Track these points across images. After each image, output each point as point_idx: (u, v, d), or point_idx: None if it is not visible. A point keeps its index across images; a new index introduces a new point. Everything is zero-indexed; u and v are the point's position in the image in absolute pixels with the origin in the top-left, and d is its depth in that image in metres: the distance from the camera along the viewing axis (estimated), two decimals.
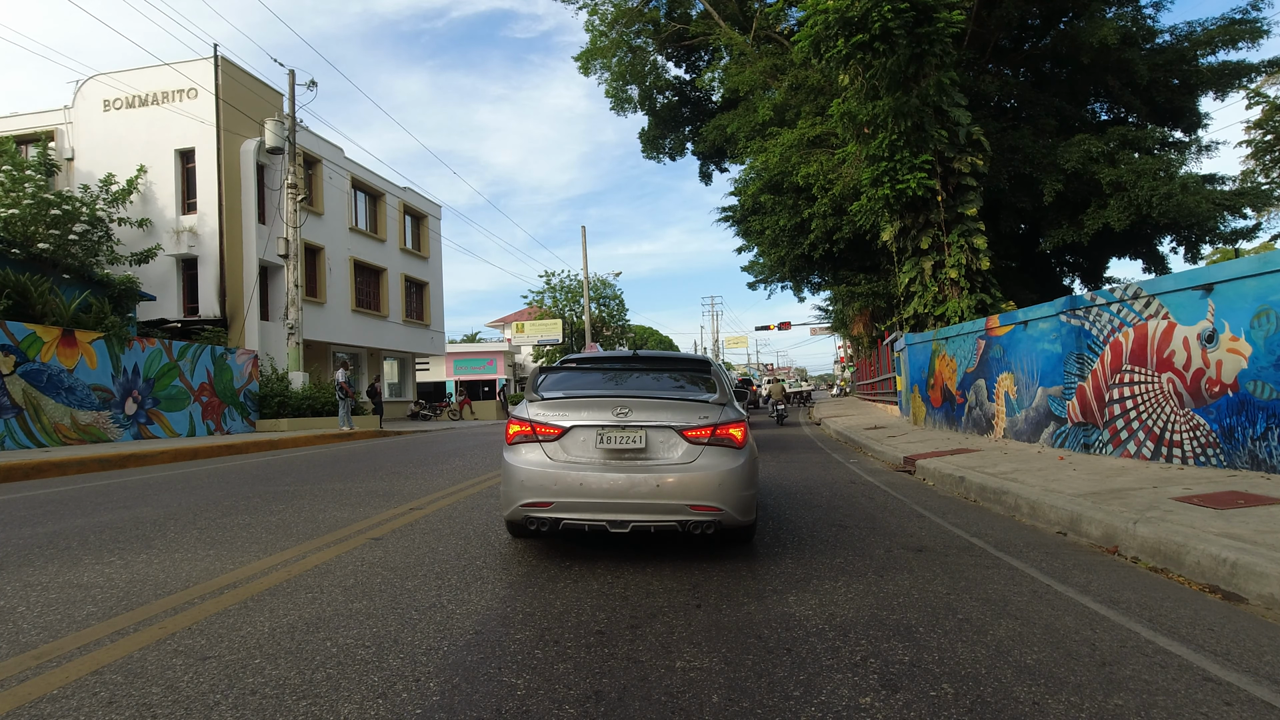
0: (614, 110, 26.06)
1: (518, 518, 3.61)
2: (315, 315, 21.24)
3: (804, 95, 19.91)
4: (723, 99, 25.88)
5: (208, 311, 17.77)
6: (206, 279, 17.88)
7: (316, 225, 21.47)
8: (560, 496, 3.47)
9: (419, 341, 28.63)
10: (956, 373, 10.66)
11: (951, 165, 14.82)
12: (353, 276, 23.47)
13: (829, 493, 6.34)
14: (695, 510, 3.44)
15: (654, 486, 3.43)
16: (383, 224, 25.78)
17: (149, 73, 18.05)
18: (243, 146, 18.37)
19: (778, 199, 19.21)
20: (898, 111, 13.99)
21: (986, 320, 9.50)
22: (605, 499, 3.44)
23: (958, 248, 14.70)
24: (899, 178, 14.37)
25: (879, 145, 14.41)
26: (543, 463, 3.59)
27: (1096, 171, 14.88)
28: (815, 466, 8.49)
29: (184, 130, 17.87)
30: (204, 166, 17.90)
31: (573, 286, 49.01)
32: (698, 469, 3.49)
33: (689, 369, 4.34)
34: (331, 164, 22.19)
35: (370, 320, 24.69)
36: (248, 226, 18.32)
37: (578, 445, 3.61)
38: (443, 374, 50.03)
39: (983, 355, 9.69)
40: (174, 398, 13.23)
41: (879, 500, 5.92)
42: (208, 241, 17.82)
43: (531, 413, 3.77)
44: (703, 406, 3.71)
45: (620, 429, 3.57)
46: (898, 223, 15.41)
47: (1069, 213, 15.80)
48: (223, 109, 17.66)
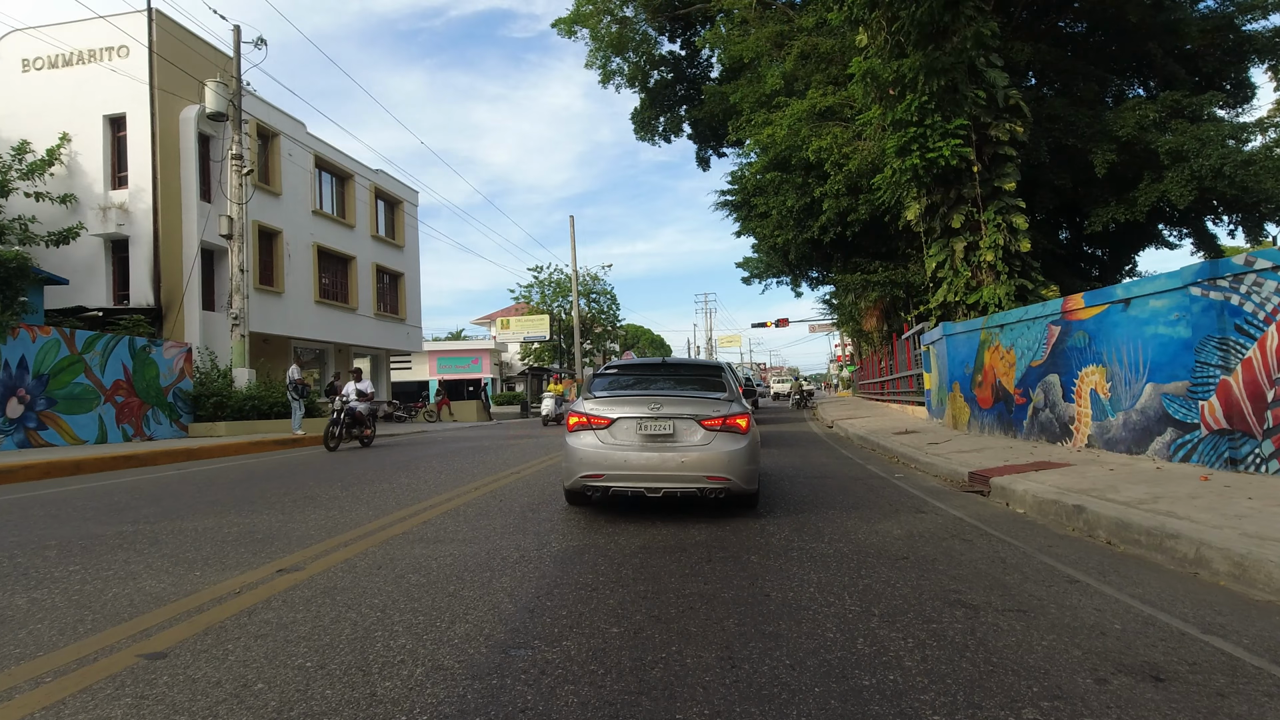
0: (601, 84, 24.11)
1: (577, 487, 4.76)
2: (271, 306, 19.13)
3: (814, 65, 18.07)
4: (722, 75, 24.02)
5: (140, 299, 15.62)
6: (139, 262, 15.73)
7: (273, 206, 19.35)
8: (610, 470, 4.59)
9: (393, 337, 26.52)
10: (1015, 367, 8.83)
11: (987, 133, 13.01)
12: (316, 264, 21.35)
13: (902, 533, 4.46)
14: (710, 480, 4.53)
15: (679, 462, 4.53)
16: (351, 208, 23.66)
17: (76, 28, 15.87)
18: (182, 114, 16.23)
19: (785, 177, 17.35)
20: (930, 68, 12.15)
21: (1064, 301, 7.67)
22: (643, 471, 4.56)
23: (994, 227, 12.91)
24: (929, 145, 12.55)
25: (907, 108, 12.57)
26: (596, 445, 4.68)
27: (1152, 140, 13.13)
28: (857, 485, 6.62)
29: (114, 93, 15.72)
30: (137, 135, 15.75)
31: (561, 281, 46.99)
32: (712, 449, 4.58)
33: (706, 373, 5.60)
34: (291, 139, 20.07)
35: (337, 313, 22.57)
36: (188, 204, 16.19)
37: (622, 432, 4.68)
38: (426, 373, 47.79)
39: (1056, 345, 7.86)
40: (77, 398, 11.12)
41: (986, 548, 4.05)
42: (140, 220, 15.68)
43: (587, 408, 4.82)
44: (716, 402, 4.83)
45: (654, 419, 4.65)
46: (924, 200, 13.59)
47: (1117, 189, 14.05)
48: (158, 68, 15.51)
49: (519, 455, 10.00)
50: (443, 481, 7.07)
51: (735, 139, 19.47)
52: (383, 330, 25.59)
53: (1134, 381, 6.56)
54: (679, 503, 5.53)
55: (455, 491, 6.33)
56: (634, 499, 5.25)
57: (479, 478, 7.40)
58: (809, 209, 17.43)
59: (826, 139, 15.84)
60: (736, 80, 20.64)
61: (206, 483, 7.29)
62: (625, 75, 24.44)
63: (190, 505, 5.71)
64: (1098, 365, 7.11)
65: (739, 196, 22.62)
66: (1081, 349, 7.38)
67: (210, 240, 16.41)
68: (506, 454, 10.23)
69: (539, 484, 6.86)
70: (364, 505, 5.60)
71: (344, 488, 6.60)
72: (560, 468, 5.13)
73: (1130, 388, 6.62)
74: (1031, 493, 5.43)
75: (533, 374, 38.83)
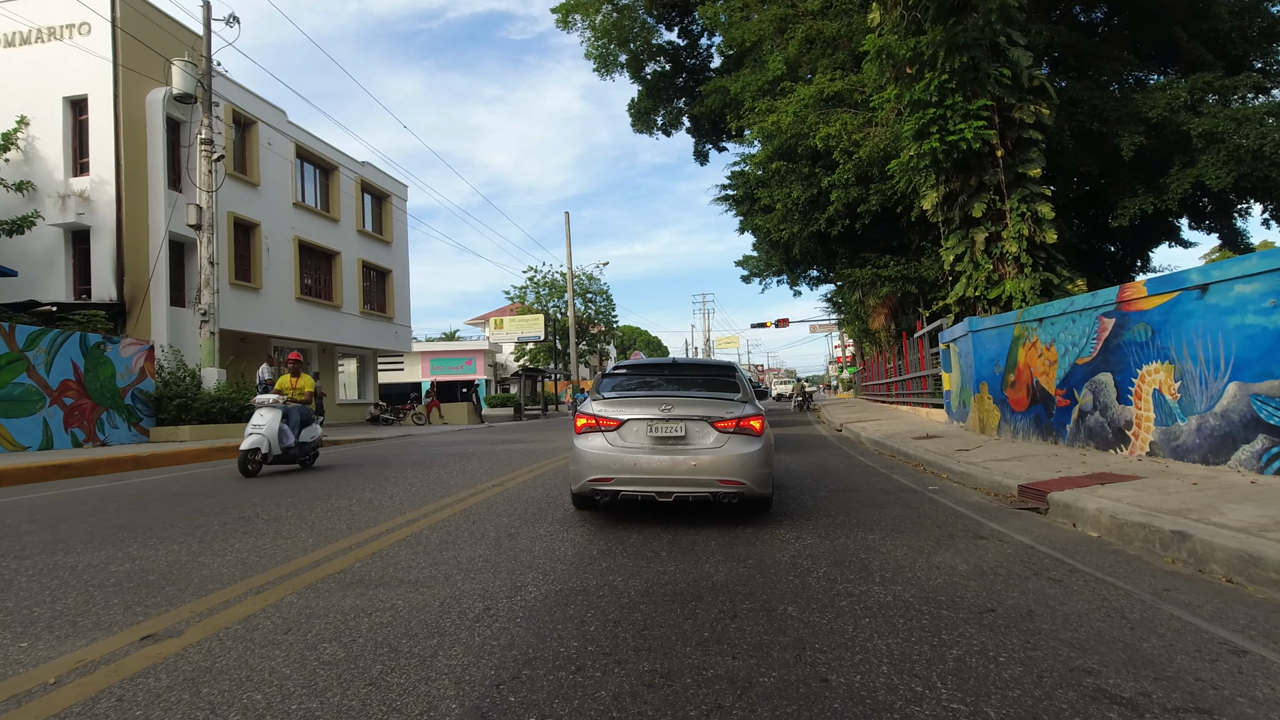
0: (598, 72, 23.19)
1: (585, 491, 4.53)
2: (249, 302, 18.12)
3: (819, 50, 17.20)
4: (722, 65, 23.16)
5: (103, 294, 14.60)
6: (101, 255, 14.71)
7: (251, 197, 18.35)
8: (619, 473, 4.38)
9: (381, 337, 25.51)
10: (1057, 365, 7.93)
11: (1011, 115, 12.13)
12: (297, 259, 20.33)
13: (969, 568, 3.55)
14: (724, 484, 4.34)
15: (692, 465, 4.34)
16: (336, 202, 22.66)
17: (33, 2, 14.84)
18: (149, 96, 15.22)
19: (791, 166, 16.45)
20: (951, 44, 11.28)
21: (1120, 289, 6.78)
22: (654, 475, 4.36)
23: (1018, 216, 12.03)
24: (950, 127, 11.66)
25: (925, 88, 11.69)
26: (605, 448, 4.48)
27: (1183, 122, 12.28)
28: (890, 500, 5.70)
29: (76, 74, 14.70)
30: (100, 119, 14.73)
31: (556, 282, 46.00)
32: (725, 452, 4.38)
33: (717, 373, 5.36)
34: (271, 127, 19.07)
35: (320, 310, 21.56)
36: (155, 192, 15.17)
37: (632, 434, 4.49)
38: (418, 374, 46.67)
39: (1109, 340, 6.96)
40: (17, 399, 10.10)
41: (1087, 593, 3.12)
42: (103, 210, 14.65)
43: (595, 409, 4.64)
44: (729, 403, 4.64)
45: (666, 421, 4.46)
46: (942, 188, 12.71)
47: (1145, 175, 13.19)
48: (123, 45, 14.50)
49: (504, 463, 9.05)
50: (411, 496, 6.12)
51: (737, 126, 18.57)
52: (369, 329, 24.58)
53: (1212, 381, 5.66)
54: (689, 521, 4.76)
55: (422, 510, 5.38)
56: (642, 504, 5.03)
57: (455, 491, 6.45)
58: (815, 201, 16.54)
59: (835, 125, 14.96)
60: (738, 70, 19.77)
61: (135, 498, 6.31)
62: (623, 64, 23.53)
63: (93, 530, 4.74)
64: (1163, 362, 6.21)
65: (740, 190, 21.72)
66: (1142, 344, 6.48)
67: (179, 232, 15.40)
68: (491, 462, 9.28)
69: (523, 498, 5.92)
70: (306, 529, 4.64)
71: (291, 506, 5.64)
72: (568, 471, 4.98)
73: (1207, 388, 5.72)
74: (1108, 512, 4.51)
75: (527, 375, 37.83)
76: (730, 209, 23.57)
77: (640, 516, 5.02)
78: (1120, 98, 13.16)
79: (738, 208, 22.57)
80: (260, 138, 18.69)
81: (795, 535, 4.41)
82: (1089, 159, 13.57)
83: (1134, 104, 12.69)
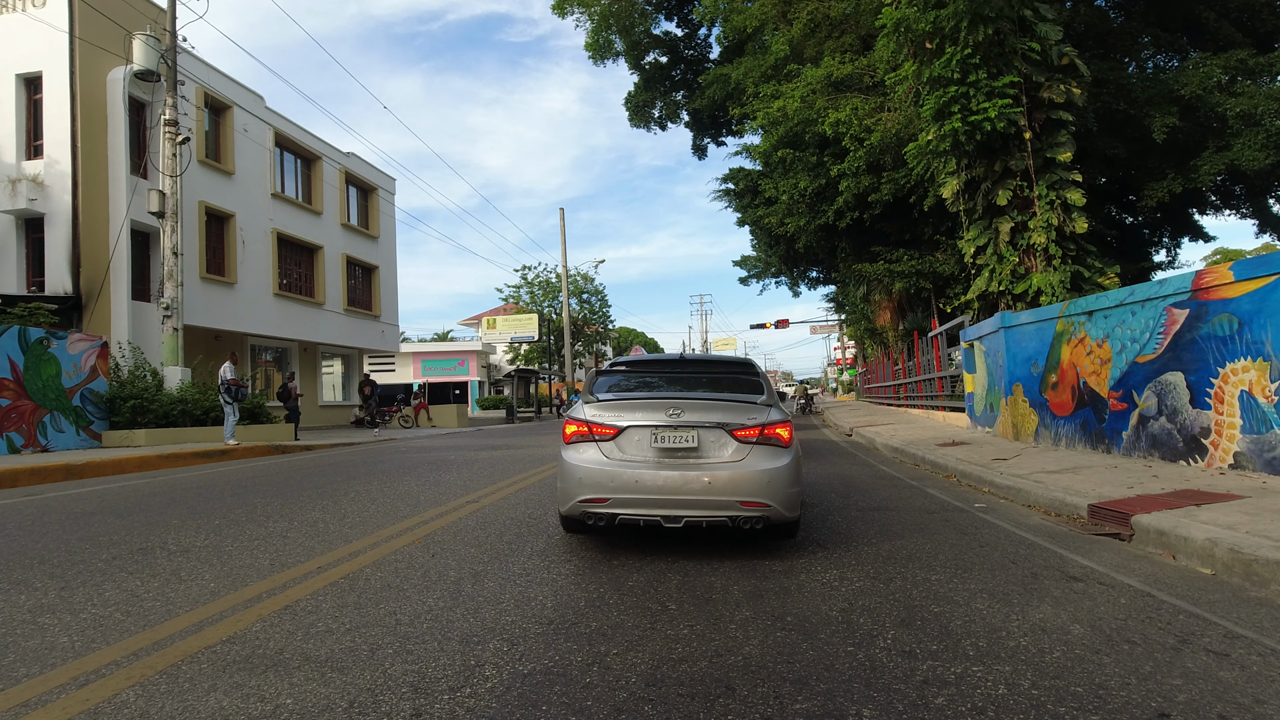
0: (593, 60, 22.23)
1: (575, 513, 3.70)
2: (222, 297, 17.06)
3: (824, 33, 16.32)
4: (722, 55, 22.27)
5: (57, 286, 13.52)
6: (56, 244, 13.63)
7: (225, 186, 17.29)
8: (617, 493, 3.57)
9: (366, 336, 24.44)
10: (1111, 364, 7.01)
11: (1038, 94, 11.22)
12: (276, 253, 19.27)
13: (1084, 631, 2.61)
14: (745, 506, 3.53)
15: (706, 483, 3.53)
16: (319, 194, 21.60)
17: None
18: (110, 75, 14.17)
19: (797, 155, 15.53)
20: (975, 14, 10.38)
21: (1197, 275, 5.86)
22: (660, 495, 3.54)
23: (1046, 204, 11.12)
24: (973, 107, 10.75)
25: (946, 64, 10.77)
26: (599, 461, 3.68)
27: (1218, 103, 11.42)
28: (935, 522, 4.75)
29: (30, 50, 13.64)
30: (55, 98, 13.67)
31: (551, 282, 44.96)
32: (747, 467, 3.58)
33: (736, 371, 4.45)
34: (247, 112, 18.02)
35: (300, 307, 20.49)
36: (115, 178, 14.11)
37: (633, 444, 3.70)
38: (409, 375, 45.51)
39: (1180, 334, 6.04)
40: None
41: (1264, 673, 2.17)
42: (58, 196, 13.58)
43: (588, 414, 3.82)
44: (750, 408, 3.79)
45: (674, 429, 3.66)
46: (964, 174, 11.79)
47: (1176, 159, 12.33)
48: (80, 17, 13.43)
49: (486, 474, 8.06)
50: (366, 518, 5.13)
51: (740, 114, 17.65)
52: (354, 328, 23.51)
53: None
54: (700, 550, 3.90)
55: (372, 538, 4.40)
56: (646, 529, 4.06)
57: (421, 510, 5.46)
58: (823, 191, 15.63)
59: (845, 110, 14.05)
60: (738, 59, 18.87)
61: (30, 519, 5.29)
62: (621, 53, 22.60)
63: None
64: (1253, 359, 5.29)
65: (741, 184, 20.81)
66: (1224, 338, 5.55)
67: (143, 221, 14.34)
68: (471, 471, 8.29)
69: (499, 520, 4.94)
70: (214, 567, 3.64)
71: (213, 531, 4.63)
72: (555, 489, 4.33)
73: None
74: (1225, 544, 3.58)
75: (520, 376, 36.82)
76: (730, 204, 22.68)
77: (639, 545, 4.06)
78: (1150, 77, 12.31)
79: (738, 202, 21.67)
80: (236, 123, 17.64)
81: (838, 575, 3.45)
82: (1116, 142, 12.70)
83: (1165, 83, 11.84)
